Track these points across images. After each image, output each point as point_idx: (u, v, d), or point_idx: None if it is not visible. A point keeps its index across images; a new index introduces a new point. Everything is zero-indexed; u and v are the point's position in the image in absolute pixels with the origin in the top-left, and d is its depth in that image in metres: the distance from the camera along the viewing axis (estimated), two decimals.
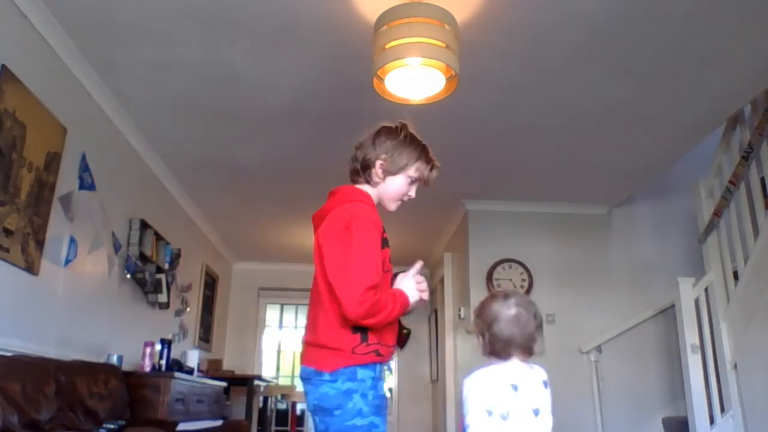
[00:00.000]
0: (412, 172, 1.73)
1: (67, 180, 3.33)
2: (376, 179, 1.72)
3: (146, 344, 3.92)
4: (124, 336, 4.12)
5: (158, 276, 4.65)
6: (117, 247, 4.02)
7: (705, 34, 3.10)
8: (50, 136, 3.15)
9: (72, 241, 3.40)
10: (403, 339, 6.91)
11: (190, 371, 4.54)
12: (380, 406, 1.56)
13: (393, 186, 1.73)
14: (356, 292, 1.49)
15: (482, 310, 1.74)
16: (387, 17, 2.73)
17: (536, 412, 1.62)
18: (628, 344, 5.13)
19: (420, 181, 1.77)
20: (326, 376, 1.55)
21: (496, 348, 1.67)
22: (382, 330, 1.59)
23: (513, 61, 3.36)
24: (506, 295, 1.73)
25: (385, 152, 1.71)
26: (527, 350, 1.67)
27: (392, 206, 1.78)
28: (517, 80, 3.55)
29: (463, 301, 5.64)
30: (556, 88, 3.65)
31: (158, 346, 4.09)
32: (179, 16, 2.98)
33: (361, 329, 1.56)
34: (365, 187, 1.74)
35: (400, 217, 6.34)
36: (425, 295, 1.68)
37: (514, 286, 5.27)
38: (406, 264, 6.36)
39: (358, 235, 1.56)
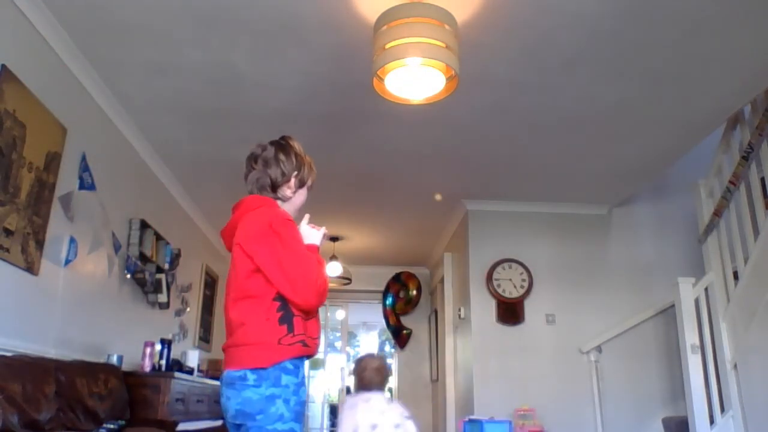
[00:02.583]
0: (309, 183, 1.90)
1: (67, 180, 3.33)
2: (288, 194, 1.85)
3: (146, 344, 3.92)
4: (124, 336, 4.12)
5: (158, 276, 4.65)
6: (117, 247, 4.02)
7: (705, 34, 3.10)
8: (50, 136, 3.15)
9: (72, 241, 3.40)
10: (403, 339, 7.03)
11: (190, 371, 4.55)
12: (300, 413, 1.63)
13: (300, 199, 1.89)
14: (312, 287, 1.64)
15: (359, 362, 3.03)
16: (387, 17, 2.73)
17: (374, 427, 2.77)
18: (628, 344, 5.13)
19: (310, 189, 1.93)
20: (250, 381, 1.58)
21: (364, 383, 2.93)
22: (306, 322, 1.67)
23: (513, 61, 3.36)
24: (372, 355, 3.16)
25: (294, 169, 1.85)
26: (382, 387, 2.96)
27: (294, 216, 1.88)
28: (517, 80, 3.55)
29: (463, 301, 5.64)
30: (556, 88, 3.65)
31: (158, 346, 4.09)
32: (179, 16, 2.98)
33: (287, 320, 1.63)
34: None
35: (400, 217, 6.38)
36: (320, 230, 1.84)
37: (514, 286, 5.28)
38: (406, 264, 6.40)
39: (286, 233, 1.68)
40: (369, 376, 2.94)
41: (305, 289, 1.63)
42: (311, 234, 1.82)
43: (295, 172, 1.84)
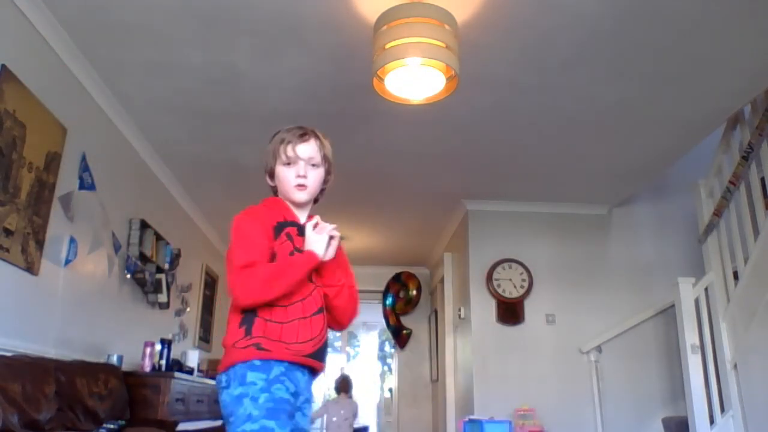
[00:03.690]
0: (282, 156, 1.72)
1: (67, 180, 3.33)
2: (271, 184, 1.78)
3: (146, 344, 3.92)
4: (124, 336, 4.12)
5: (158, 276, 4.65)
6: (117, 247, 4.02)
7: (705, 34, 3.10)
8: (50, 136, 3.15)
9: (72, 241, 3.40)
10: (403, 339, 7.11)
11: (190, 371, 4.55)
12: (275, 410, 1.49)
13: (280, 179, 1.73)
14: (235, 275, 1.54)
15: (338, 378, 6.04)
16: (387, 17, 2.73)
17: (347, 419, 5.56)
18: (628, 344, 5.13)
19: (294, 159, 1.71)
20: (223, 383, 1.55)
21: (338, 391, 5.89)
22: (275, 325, 1.56)
23: (513, 61, 3.36)
24: (341, 375, 6.04)
25: (266, 159, 1.77)
26: (347, 393, 5.77)
27: (296, 196, 1.72)
28: (517, 80, 3.55)
29: (463, 301, 5.64)
30: (556, 88, 3.65)
31: (158, 346, 4.09)
32: (179, 16, 2.98)
33: (247, 322, 1.56)
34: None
35: (400, 217, 6.38)
36: (322, 234, 1.64)
37: (514, 286, 5.28)
38: (406, 264, 6.40)
39: (235, 226, 1.63)
40: (337, 386, 5.86)
41: (232, 282, 1.55)
42: (313, 240, 1.64)
43: (267, 161, 1.76)
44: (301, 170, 1.71)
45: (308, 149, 1.73)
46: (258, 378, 1.51)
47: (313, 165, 1.73)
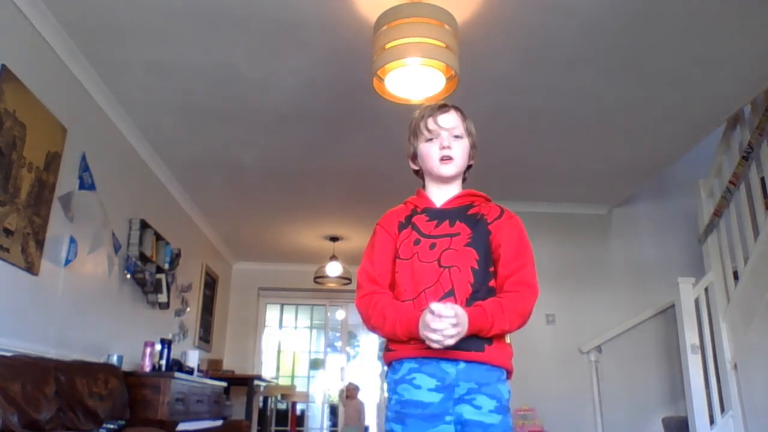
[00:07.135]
0: (423, 132, 1.63)
1: (67, 180, 3.33)
2: (414, 168, 1.71)
3: (146, 344, 3.92)
4: (124, 336, 4.12)
5: (158, 276, 4.65)
6: (117, 247, 4.02)
7: (705, 34, 3.10)
8: (50, 136, 3.15)
9: (72, 241, 3.40)
10: None
11: (190, 371, 4.55)
12: (401, 413, 1.41)
13: (423, 156, 1.64)
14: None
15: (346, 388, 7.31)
16: (387, 17, 2.73)
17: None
18: (628, 344, 5.13)
19: (436, 132, 1.62)
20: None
21: (349, 395, 7.16)
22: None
23: (513, 61, 3.36)
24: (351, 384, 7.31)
25: (408, 142, 1.70)
26: (353, 396, 7.15)
27: (442, 170, 1.63)
28: (517, 80, 3.55)
29: None
30: (556, 88, 3.65)
31: (158, 346, 4.09)
32: (179, 16, 2.98)
33: None
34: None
35: None
36: (432, 336, 1.34)
37: None
38: None
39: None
40: (349, 392, 7.14)
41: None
42: (422, 327, 1.37)
43: (408, 144, 1.68)
44: (444, 141, 1.61)
45: (450, 119, 1.63)
46: (390, 379, 1.56)
47: (456, 136, 1.63)
